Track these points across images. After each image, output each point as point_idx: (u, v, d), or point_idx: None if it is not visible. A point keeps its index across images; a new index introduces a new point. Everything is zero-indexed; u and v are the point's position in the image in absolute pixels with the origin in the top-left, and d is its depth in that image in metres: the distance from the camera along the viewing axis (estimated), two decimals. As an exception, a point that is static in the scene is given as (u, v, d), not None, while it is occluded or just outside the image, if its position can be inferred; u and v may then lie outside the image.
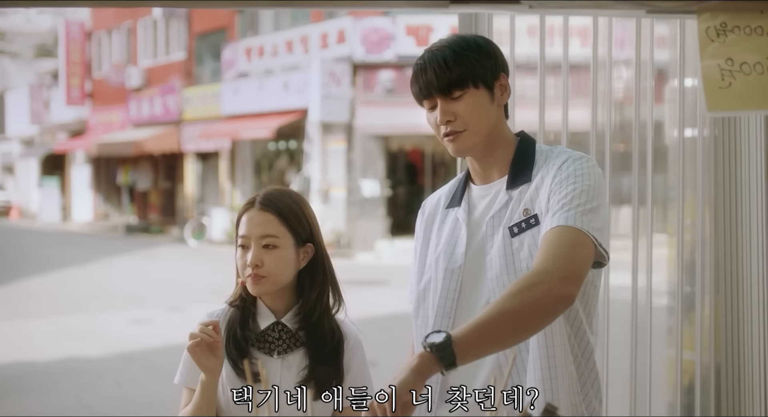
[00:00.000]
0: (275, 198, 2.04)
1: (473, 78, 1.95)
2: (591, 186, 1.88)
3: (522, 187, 1.97)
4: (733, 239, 2.82)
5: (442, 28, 17.55)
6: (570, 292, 1.76)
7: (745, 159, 2.78)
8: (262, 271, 1.99)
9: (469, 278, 1.97)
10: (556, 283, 1.75)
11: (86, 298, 12.81)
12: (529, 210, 1.93)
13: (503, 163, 2.01)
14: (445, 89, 1.95)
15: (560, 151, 2.00)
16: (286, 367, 1.99)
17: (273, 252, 2.00)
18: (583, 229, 1.81)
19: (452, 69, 1.94)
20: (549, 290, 1.74)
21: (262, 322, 2.02)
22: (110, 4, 2.48)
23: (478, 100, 1.96)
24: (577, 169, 1.90)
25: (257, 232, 2.01)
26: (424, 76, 1.96)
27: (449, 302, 1.97)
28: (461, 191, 2.07)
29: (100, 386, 7.60)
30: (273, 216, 2.02)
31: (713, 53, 2.27)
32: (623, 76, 3.06)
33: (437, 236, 2.06)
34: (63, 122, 31.58)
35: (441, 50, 1.97)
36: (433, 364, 1.67)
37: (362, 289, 11.92)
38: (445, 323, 1.96)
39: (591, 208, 1.85)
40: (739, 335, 2.81)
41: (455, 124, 1.97)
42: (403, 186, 19.45)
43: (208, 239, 21.73)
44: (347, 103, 18.43)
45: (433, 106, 1.99)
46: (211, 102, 23.25)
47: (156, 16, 26.48)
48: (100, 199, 30.66)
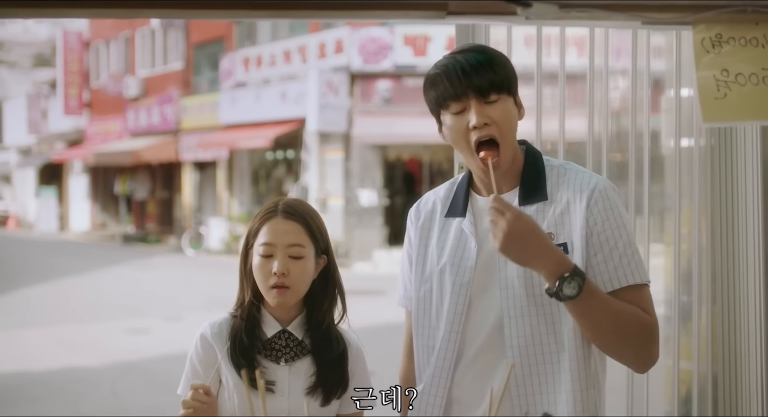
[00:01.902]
0: (299, 207, 2.04)
1: (509, 84, 1.92)
2: (629, 222, 1.97)
3: (537, 205, 1.94)
4: (730, 249, 2.83)
5: (439, 38, 17.59)
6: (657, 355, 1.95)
7: (741, 169, 2.79)
8: (287, 280, 1.98)
9: (477, 293, 1.95)
10: (656, 335, 1.92)
11: (83, 308, 12.79)
12: (554, 235, 1.91)
13: (513, 175, 1.98)
14: (485, 89, 1.88)
15: (575, 170, 1.98)
16: (294, 374, 2.00)
17: (299, 262, 1.99)
18: (646, 282, 1.94)
19: (495, 70, 1.90)
20: (653, 333, 1.90)
21: (267, 331, 2.02)
22: (108, 14, 2.49)
23: (509, 108, 1.92)
24: (613, 206, 1.92)
25: (284, 241, 1.99)
26: (460, 75, 1.88)
27: (458, 317, 1.95)
28: (463, 201, 2.02)
29: (97, 396, 7.58)
30: (299, 225, 2.00)
31: (709, 64, 2.28)
32: (620, 86, 3.08)
33: (438, 246, 2.02)
34: (60, 132, 31.58)
35: (475, 53, 1.93)
36: (562, 265, 1.77)
37: (360, 298, 11.90)
38: (454, 338, 1.96)
39: (637, 251, 1.95)
40: (736, 345, 2.82)
41: (490, 129, 1.89)
42: (400, 195, 19.45)
43: (206, 249, 21.71)
44: (345, 112, 18.46)
45: (461, 111, 1.91)
46: (208, 111, 23.27)
47: (154, 26, 26.53)
48: (98, 208, 30.63)
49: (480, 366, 1.93)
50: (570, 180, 1.96)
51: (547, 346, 1.92)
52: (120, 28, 28.36)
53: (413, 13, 2.37)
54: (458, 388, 1.96)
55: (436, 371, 1.98)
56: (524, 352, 1.91)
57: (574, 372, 1.90)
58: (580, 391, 1.91)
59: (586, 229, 1.90)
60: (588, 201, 1.91)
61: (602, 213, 1.91)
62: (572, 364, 1.90)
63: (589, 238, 1.90)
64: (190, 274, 17.60)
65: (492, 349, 1.93)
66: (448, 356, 1.96)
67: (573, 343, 1.90)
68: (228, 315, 2.07)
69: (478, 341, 1.94)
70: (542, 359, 1.92)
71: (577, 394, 1.90)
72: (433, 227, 2.05)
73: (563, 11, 2.25)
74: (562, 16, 2.26)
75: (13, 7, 2.27)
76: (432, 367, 1.98)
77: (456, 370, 1.96)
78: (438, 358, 1.97)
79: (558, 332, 1.91)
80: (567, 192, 1.94)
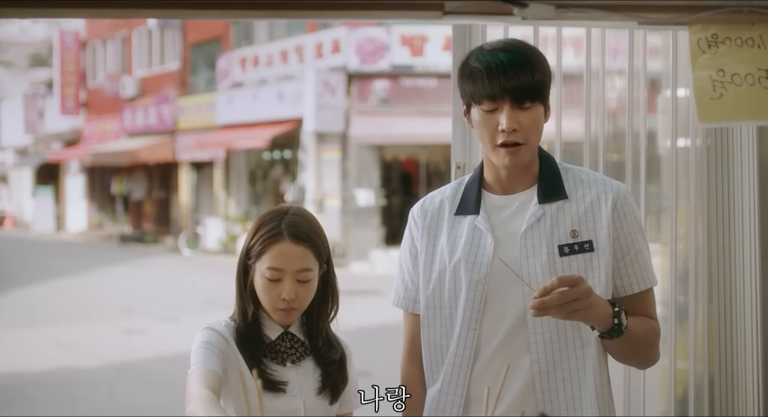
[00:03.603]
0: (305, 228, 2.00)
1: (544, 92, 1.95)
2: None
3: (558, 203, 1.97)
4: (726, 249, 2.83)
5: (436, 38, 17.60)
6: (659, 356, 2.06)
7: (737, 169, 2.79)
8: (294, 303, 1.98)
9: (494, 289, 1.96)
10: (660, 338, 2.05)
11: (80, 308, 12.78)
12: (577, 232, 1.95)
13: (530, 175, 2.00)
14: (522, 97, 1.91)
15: (591, 173, 2.06)
16: (303, 374, 2.00)
17: (306, 285, 1.99)
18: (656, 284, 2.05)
19: (535, 77, 1.92)
20: (659, 337, 2.03)
21: (270, 333, 2.02)
22: (105, 14, 2.49)
23: (539, 116, 1.95)
24: (635, 211, 2.01)
25: (294, 267, 1.97)
26: (501, 78, 1.90)
27: (475, 313, 1.96)
28: (476, 199, 2.02)
29: (93, 396, 7.57)
30: (307, 250, 1.98)
31: (705, 64, 2.29)
32: (616, 86, 3.08)
33: (449, 243, 2.02)
34: (57, 132, 31.54)
35: (520, 55, 1.93)
36: (606, 319, 1.85)
37: (357, 298, 11.90)
38: (471, 335, 1.96)
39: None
40: (732, 345, 2.82)
41: (518, 134, 1.92)
42: (397, 195, 19.46)
43: (203, 249, 21.70)
44: (342, 112, 18.45)
45: (493, 110, 1.92)
46: (205, 111, 23.26)
47: (151, 26, 26.51)
48: (95, 208, 30.60)
49: (499, 363, 1.93)
50: (590, 181, 2.01)
51: (571, 341, 1.94)
52: (117, 28, 28.33)
53: (410, 14, 2.37)
54: (477, 385, 1.96)
55: (454, 369, 1.98)
56: (548, 348, 1.93)
57: (596, 367, 1.94)
58: (602, 386, 1.96)
59: (612, 229, 1.96)
60: (614, 203, 1.97)
61: (628, 217, 1.98)
62: (595, 360, 1.94)
63: (615, 240, 1.96)
64: (187, 274, 17.58)
65: (512, 346, 1.94)
66: (466, 354, 1.97)
67: (595, 340, 1.94)
68: (228, 320, 2.05)
69: (497, 338, 1.95)
70: (566, 355, 1.94)
71: (599, 389, 1.94)
72: (441, 225, 2.05)
73: (560, 11, 2.26)
74: (558, 17, 2.27)
75: (10, 7, 2.26)
76: (449, 365, 1.98)
77: (474, 367, 1.97)
78: (456, 356, 1.98)
79: (582, 327, 1.94)
80: (590, 192, 1.99)
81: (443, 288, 2.01)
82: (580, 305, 1.77)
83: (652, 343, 1.98)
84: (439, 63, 17.41)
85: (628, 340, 1.90)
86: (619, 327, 1.86)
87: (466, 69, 1.96)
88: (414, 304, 2.09)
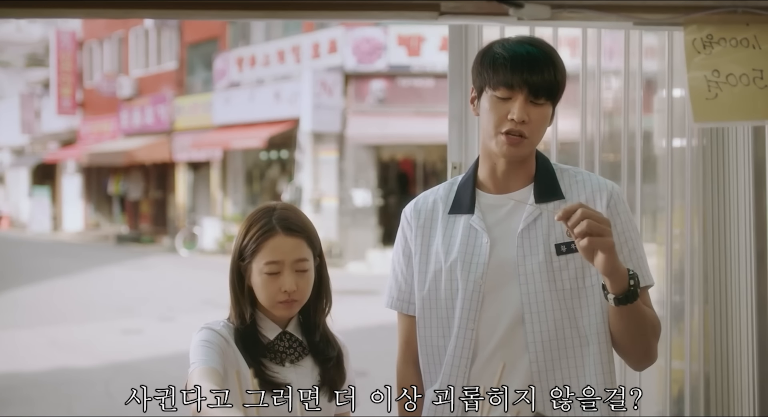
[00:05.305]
0: (296, 220, 2.02)
1: (557, 95, 1.97)
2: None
3: (555, 202, 1.98)
4: (722, 249, 2.84)
5: (433, 39, 17.60)
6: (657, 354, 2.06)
7: (733, 169, 2.80)
8: (295, 295, 1.98)
9: (490, 289, 1.96)
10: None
11: (77, 308, 12.77)
12: None
13: (526, 175, 2.01)
14: (539, 93, 1.92)
15: (585, 173, 2.07)
16: (302, 373, 2.01)
17: (304, 275, 2.00)
18: (653, 284, 2.05)
19: (556, 77, 1.94)
20: (659, 331, 2.00)
21: (268, 334, 2.03)
22: (102, 14, 2.49)
23: (548, 115, 1.97)
24: (627, 210, 2.03)
25: (291, 258, 1.98)
26: (524, 71, 1.91)
27: (472, 313, 1.97)
28: (470, 198, 2.03)
29: (90, 397, 7.57)
30: (302, 240, 2.00)
31: (700, 65, 2.30)
32: (612, 86, 3.09)
33: (444, 243, 2.02)
34: (54, 132, 31.51)
35: (546, 54, 1.95)
36: (624, 278, 1.83)
37: (354, 298, 11.90)
38: (469, 335, 1.97)
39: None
40: (728, 344, 2.83)
41: (525, 127, 1.93)
42: (394, 195, 19.45)
43: (200, 249, 21.68)
44: (339, 112, 18.45)
45: (507, 98, 1.93)
46: (202, 111, 23.24)
47: (148, 26, 26.48)
48: (91, 208, 30.57)
49: (498, 363, 1.92)
50: (584, 181, 2.02)
51: (570, 340, 1.95)
52: (113, 28, 28.30)
53: (406, 14, 2.38)
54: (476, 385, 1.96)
55: (452, 370, 1.98)
56: (547, 347, 1.94)
57: (598, 365, 1.94)
58: (603, 385, 1.94)
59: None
60: (608, 201, 1.99)
61: (622, 215, 1.99)
62: (596, 358, 1.94)
63: (622, 243, 1.97)
64: (184, 274, 17.57)
65: (510, 346, 1.95)
66: (464, 354, 1.97)
67: (596, 338, 1.94)
68: (225, 320, 2.05)
69: (495, 338, 1.96)
70: (565, 354, 1.94)
71: (601, 388, 1.93)
72: (435, 225, 2.05)
73: (555, 12, 2.26)
74: (554, 17, 2.28)
75: (7, 7, 2.27)
76: (447, 365, 1.99)
77: (472, 367, 1.97)
78: (454, 357, 1.98)
79: (580, 326, 1.94)
80: (584, 192, 2.01)
81: (439, 288, 2.01)
82: (607, 228, 1.77)
83: (655, 330, 1.96)
84: (436, 63, 17.40)
85: (636, 313, 1.88)
86: (635, 290, 1.84)
87: (489, 54, 1.96)
88: (408, 306, 2.09)
